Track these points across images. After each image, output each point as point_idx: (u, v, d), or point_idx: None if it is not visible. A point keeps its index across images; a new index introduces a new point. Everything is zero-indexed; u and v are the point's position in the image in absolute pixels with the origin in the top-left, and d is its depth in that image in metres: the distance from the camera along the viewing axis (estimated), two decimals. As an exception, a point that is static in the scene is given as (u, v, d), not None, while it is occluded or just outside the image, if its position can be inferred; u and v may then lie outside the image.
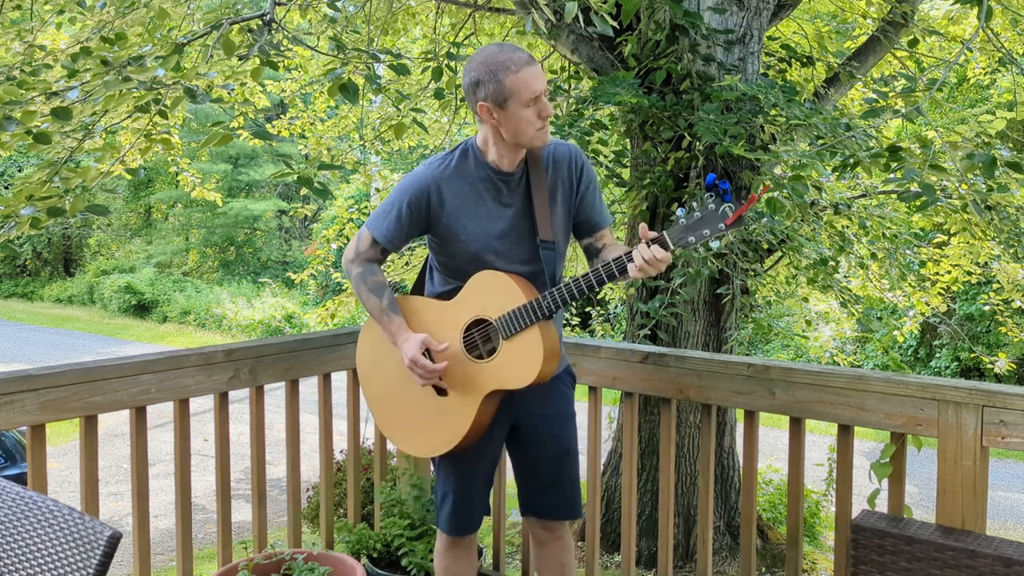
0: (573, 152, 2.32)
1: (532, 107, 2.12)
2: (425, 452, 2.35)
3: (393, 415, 2.41)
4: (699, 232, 2.04)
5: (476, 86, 2.14)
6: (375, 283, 2.34)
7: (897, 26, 4.92)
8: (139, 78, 2.86)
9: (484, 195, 2.25)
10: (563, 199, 2.29)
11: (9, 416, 2.23)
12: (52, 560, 1.55)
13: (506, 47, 2.14)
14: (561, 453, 2.40)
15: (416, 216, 2.25)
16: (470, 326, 2.26)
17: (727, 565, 4.48)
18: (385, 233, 2.29)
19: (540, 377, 2.18)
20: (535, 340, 2.16)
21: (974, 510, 2.13)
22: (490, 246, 2.24)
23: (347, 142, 7.33)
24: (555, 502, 2.43)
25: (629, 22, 4.32)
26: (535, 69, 2.12)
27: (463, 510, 2.40)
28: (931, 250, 6.41)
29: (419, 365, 2.22)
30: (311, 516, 4.55)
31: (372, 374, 2.45)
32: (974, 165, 3.19)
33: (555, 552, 2.50)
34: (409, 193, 2.25)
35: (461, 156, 2.27)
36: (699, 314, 4.41)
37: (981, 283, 10.09)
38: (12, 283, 23.50)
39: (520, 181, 2.26)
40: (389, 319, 2.32)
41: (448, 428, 2.28)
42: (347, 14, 4.74)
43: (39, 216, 2.94)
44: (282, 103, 9.92)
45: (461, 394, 2.27)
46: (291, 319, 16.26)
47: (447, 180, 2.24)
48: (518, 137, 2.17)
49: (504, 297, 2.19)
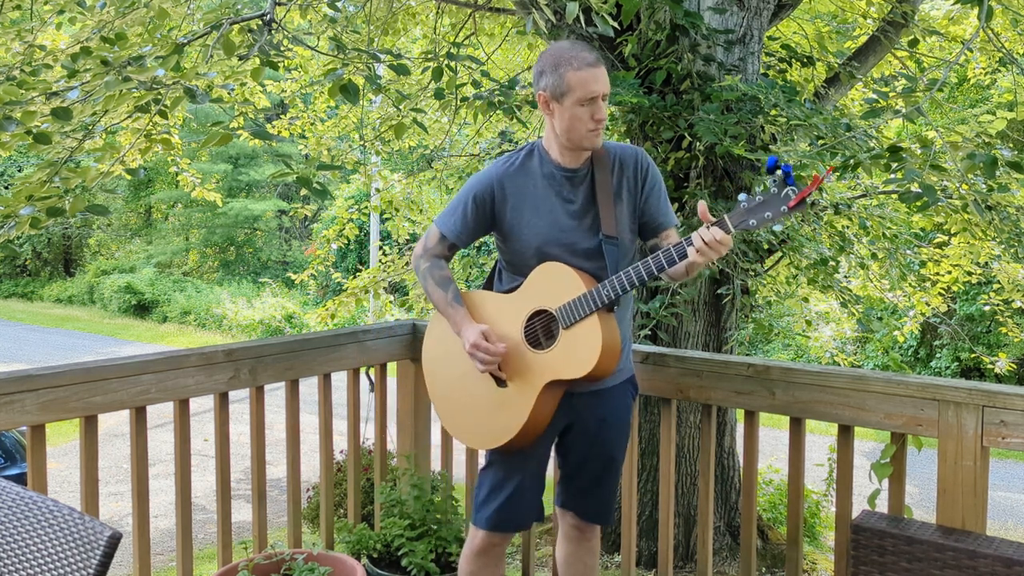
0: (640, 154, 2.35)
1: (586, 107, 2.15)
2: (483, 444, 2.35)
3: (454, 407, 2.42)
4: (761, 215, 2.03)
5: (540, 76, 2.20)
6: (442, 277, 2.39)
7: (897, 26, 4.92)
8: (139, 78, 2.86)
9: (548, 191, 2.28)
10: (628, 198, 2.31)
11: (9, 416, 2.23)
12: (52, 560, 1.55)
13: (578, 46, 2.18)
14: (607, 460, 2.42)
15: (481, 212, 2.31)
16: (531, 317, 2.27)
17: (727, 565, 4.48)
18: (452, 229, 2.35)
19: (598, 369, 2.17)
20: (594, 329, 2.16)
21: (974, 510, 2.13)
22: (553, 240, 2.27)
23: (347, 142, 7.33)
24: (590, 505, 2.47)
25: (629, 22, 4.32)
26: (598, 72, 2.15)
27: (507, 507, 2.37)
28: (931, 250, 6.41)
29: (480, 348, 2.24)
30: (311, 516, 4.55)
31: (436, 368, 2.47)
32: (975, 165, 3.19)
33: (582, 553, 2.54)
34: (474, 190, 2.31)
35: (527, 155, 2.33)
36: (699, 314, 4.41)
37: (981, 283, 10.09)
38: (12, 283, 23.49)
39: (585, 178, 2.29)
40: (454, 310, 2.35)
41: (506, 420, 2.28)
42: (347, 14, 4.74)
43: (39, 216, 2.93)
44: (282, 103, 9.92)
45: (520, 385, 2.26)
46: (291, 319, 16.26)
47: (511, 177, 2.30)
48: (569, 133, 2.20)
49: (565, 287, 2.21)
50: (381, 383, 3.27)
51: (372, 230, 14.28)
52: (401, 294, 11.30)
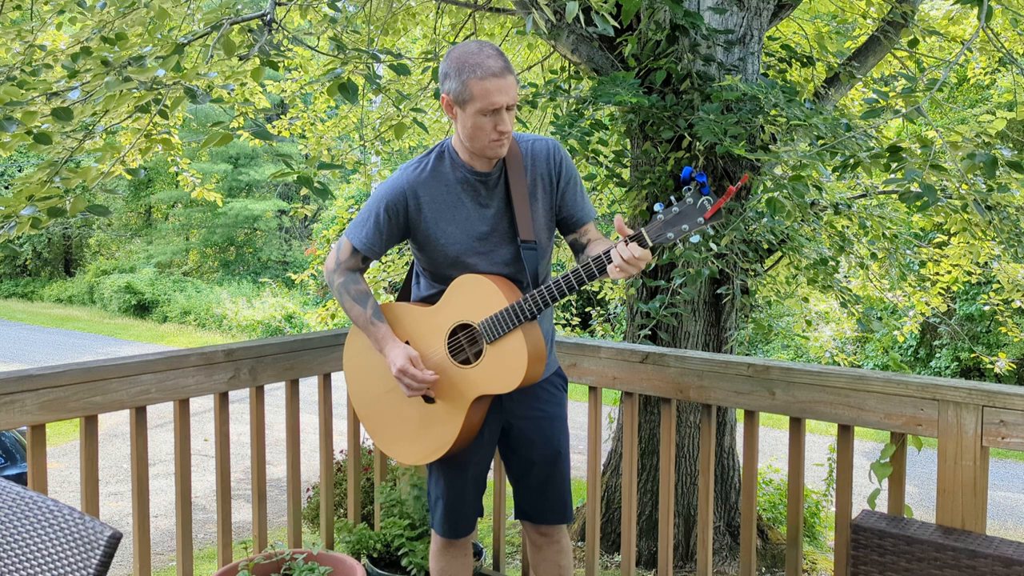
0: (551, 147, 2.28)
1: (489, 117, 2.07)
2: (415, 460, 2.33)
3: (382, 423, 2.39)
4: (678, 227, 1.99)
5: (444, 78, 2.11)
6: (358, 292, 2.32)
7: (897, 26, 4.92)
8: (139, 78, 2.86)
9: (462, 197, 2.22)
10: (543, 196, 2.26)
11: (9, 416, 2.23)
12: (52, 560, 1.56)
13: (486, 49, 2.08)
14: (552, 455, 2.38)
15: (394, 222, 2.23)
16: (455, 331, 2.23)
17: (727, 565, 4.48)
18: (364, 241, 2.27)
19: (526, 381, 2.16)
20: (519, 344, 2.13)
21: (974, 510, 2.13)
22: (471, 248, 2.22)
23: (347, 142, 7.33)
24: (546, 506, 2.42)
25: (629, 22, 4.32)
26: (502, 82, 2.05)
27: (456, 513, 2.40)
28: (931, 250, 6.41)
29: (408, 375, 2.20)
30: (311, 516, 4.55)
31: (359, 382, 2.43)
32: (975, 165, 3.19)
33: (551, 555, 2.50)
34: (385, 200, 2.22)
35: (437, 158, 2.24)
36: (699, 314, 4.41)
37: (981, 283, 10.10)
38: (12, 283, 23.50)
39: (498, 180, 2.23)
40: (375, 327, 2.29)
41: (437, 436, 2.27)
42: (347, 14, 4.74)
43: (39, 216, 2.93)
44: (282, 103, 9.93)
45: (448, 401, 2.24)
46: (291, 319, 16.27)
47: (423, 184, 2.21)
48: (470, 141, 2.13)
49: (486, 301, 2.17)
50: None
51: (372, 230, 14.24)
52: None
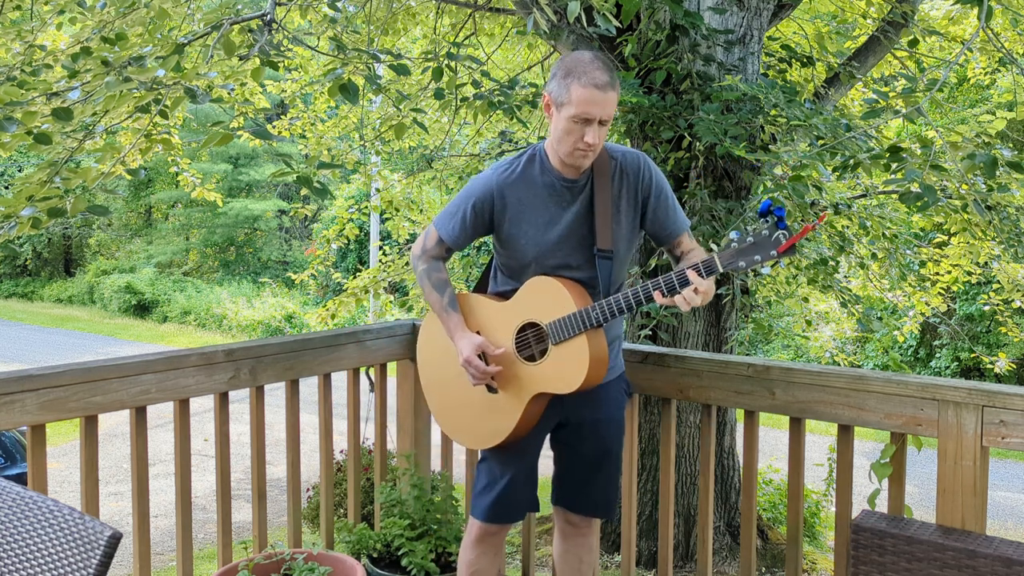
0: (642, 162, 2.33)
1: (580, 125, 2.13)
2: (473, 444, 2.43)
3: (446, 406, 2.49)
4: (750, 257, 2.05)
5: (552, 77, 2.20)
6: (438, 280, 2.42)
7: (897, 26, 4.92)
8: (140, 78, 2.86)
9: (547, 201, 2.29)
10: (628, 209, 2.31)
11: (9, 416, 2.23)
12: (52, 560, 1.55)
13: (597, 62, 2.15)
14: (602, 454, 2.45)
15: (479, 219, 2.33)
16: (523, 327, 2.31)
17: (727, 565, 4.48)
18: (451, 233, 2.38)
19: (586, 384, 2.23)
20: (582, 348, 2.20)
21: (974, 510, 2.13)
22: (548, 251, 2.29)
23: (347, 142, 7.33)
24: (585, 499, 2.49)
25: (629, 22, 4.32)
26: (602, 96, 2.11)
27: (506, 499, 2.43)
28: (931, 250, 6.41)
29: (473, 366, 2.30)
30: (311, 516, 4.55)
31: (430, 367, 2.53)
32: (975, 165, 3.18)
33: (576, 547, 2.56)
34: (474, 197, 2.32)
35: (528, 162, 2.32)
36: (699, 314, 4.41)
37: (981, 283, 10.10)
38: (12, 283, 23.49)
39: (585, 187, 2.29)
40: (448, 315, 2.39)
41: (496, 425, 2.35)
42: (347, 14, 4.74)
43: (39, 216, 2.93)
44: (282, 103, 9.93)
45: (510, 393, 2.33)
46: (291, 319, 16.26)
47: (511, 186, 2.30)
48: (557, 144, 2.20)
49: (556, 303, 2.24)
50: (381, 383, 3.27)
51: (372, 230, 14.29)
52: (401, 294, 11.29)
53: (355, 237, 9.32)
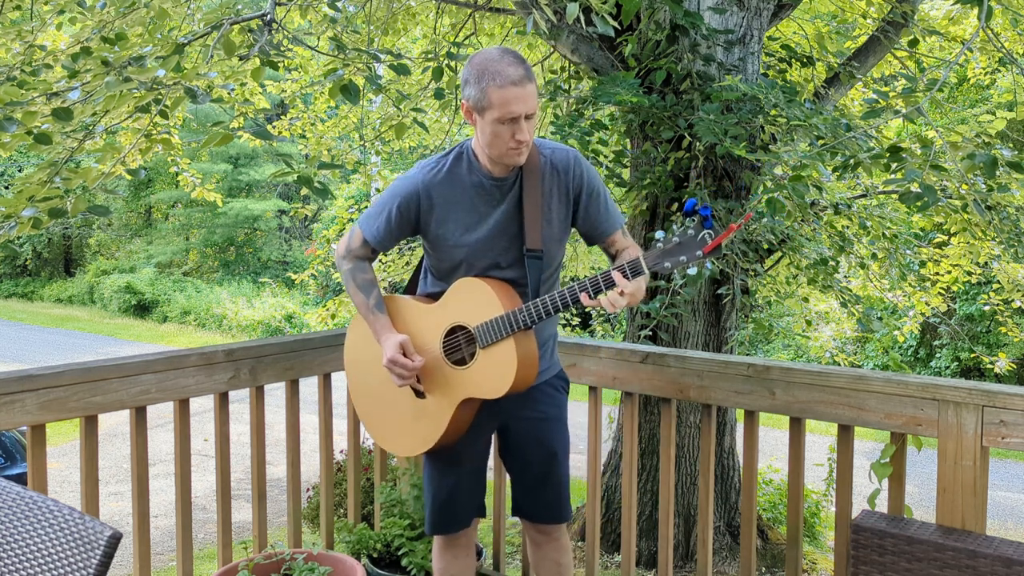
0: (572, 158, 2.27)
1: (507, 126, 2.07)
2: (401, 451, 2.38)
3: (374, 411, 2.43)
4: (676, 258, 2.01)
5: (464, 84, 2.13)
6: (364, 280, 2.36)
7: (897, 26, 4.92)
8: (140, 78, 2.86)
9: (475, 200, 2.23)
10: (558, 207, 2.25)
11: (9, 416, 2.23)
12: (52, 560, 1.56)
13: (507, 57, 2.07)
14: (547, 456, 2.39)
15: (405, 220, 2.26)
16: (451, 331, 2.25)
17: (727, 565, 4.48)
18: (375, 234, 2.31)
19: (515, 387, 2.17)
20: (510, 352, 2.15)
21: (974, 510, 2.13)
22: (476, 252, 2.23)
23: (347, 142, 7.33)
24: (543, 505, 2.44)
25: (629, 22, 4.32)
26: (521, 91, 2.04)
27: (444, 509, 2.41)
28: (931, 250, 6.41)
29: (397, 364, 2.23)
30: (311, 516, 4.55)
31: (357, 370, 2.47)
32: (975, 165, 3.19)
33: (551, 552, 2.51)
34: (399, 197, 2.25)
35: (455, 160, 2.25)
36: (699, 314, 4.41)
37: (981, 283, 10.10)
38: (12, 283, 23.50)
39: (513, 186, 2.23)
40: (375, 317, 2.33)
41: (424, 430, 2.30)
42: (347, 14, 4.74)
43: (40, 216, 2.93)
44: (282, 103, 9.93)
45: (438, 398, 2.28)
46: (291, 319, 16.27)
47: (437, 185, 2.23)
48: (489, 149, 2.14)
49: (483, 305, 2.18)
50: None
51: (372, 230, 14.24)
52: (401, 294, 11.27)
53: (355, 237, 9.31)
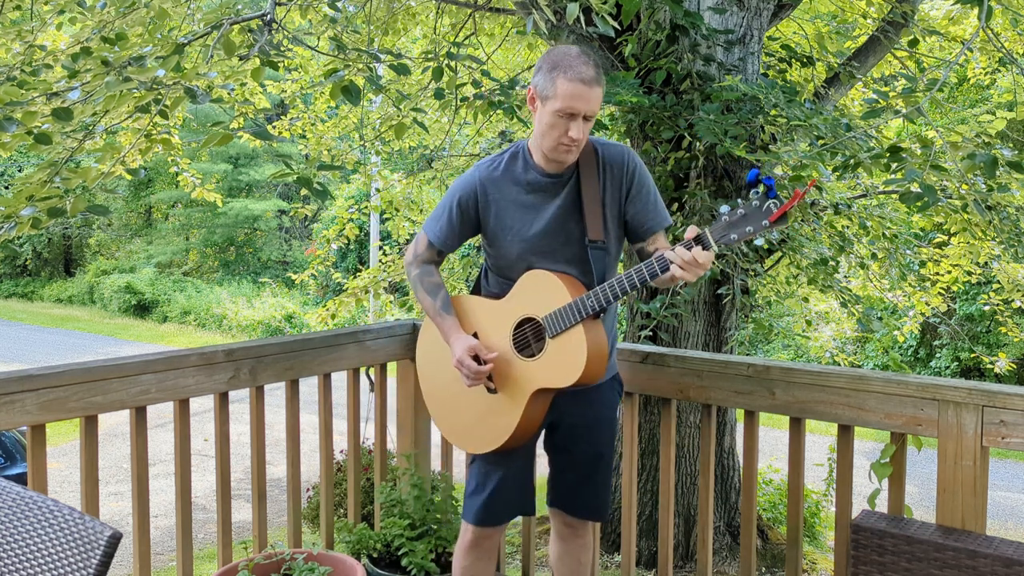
0: (626, 155, 2.31)
1: (564, 120, 2.11)
2: (475, 448, 2.38)
3: (446, 411, 2.45)
4: (742, 229, 2.00)
5: (537, 71, 2.18)
6: (431, 284, 2.41)
7: (897, 26, 4.92)
8: (140, 78, 2.86)
9: (530, 196, 2.27)
10: (612, 202, 2.29)
11: (9, 416, 2.23)
12: (52, 560, 1.55)
13: (584, 56, 2.12)
14: (594, 457, 2.43)
15: (466, 217, 2.32)
16: (520, 324, 2.28)
17: (727, 565, 4.48)
18: (439, 235, 2.37)
19: (585, 376, 2.18)
20: (579, 338, 2.16)
21: (974, 510, 2.13)
22: (536, 247, 2.26)
23: (347, 142, 7.33)
24: (580, 502, 2.47)
25: (629, 22, 4.31)
26: (587, 91, 2.09)
27: (495, 502, 2.41)
28: (931, 250, 6.41)
29: (465, 366, 2.27)
30: (311, 516, 4.55)
31: (428, 371, 2.51)
32: (975, 165, 3.18)
33: (574, 549, 2.54)
34: (458, 195, 2.31)
35: (511, 158, 2.31)
36: (699, 314, 4.41)
37: (981, 283, 10.10)
38: (12, 283, 23.49)
39: (570, 181, 2.27)
40: (443, 319, 2.37)
41: (497, 426, 2.32)
42: (347, 14, 4.74)
43: (39, 216, 2.93)
44: (282, 103, 9.93)
45: (509, 392, 2.29)
46: (291, 319, 16.26)
47: (494, 181, 2.29)
48: (541, 139, 2.18)
49: (550, 296, 2.21)
50: (381, 383, 3.27)
51: (372, 230, 14.28)
52: (401, 294, 11.28)
53: (355, 237, 9.33)
